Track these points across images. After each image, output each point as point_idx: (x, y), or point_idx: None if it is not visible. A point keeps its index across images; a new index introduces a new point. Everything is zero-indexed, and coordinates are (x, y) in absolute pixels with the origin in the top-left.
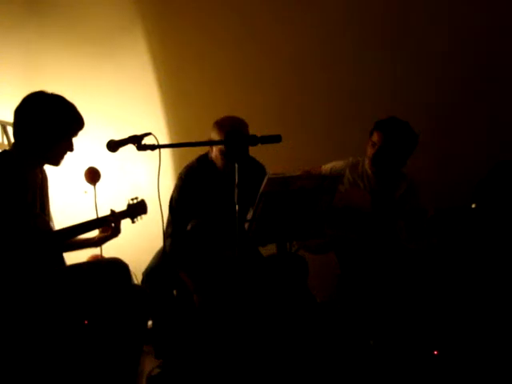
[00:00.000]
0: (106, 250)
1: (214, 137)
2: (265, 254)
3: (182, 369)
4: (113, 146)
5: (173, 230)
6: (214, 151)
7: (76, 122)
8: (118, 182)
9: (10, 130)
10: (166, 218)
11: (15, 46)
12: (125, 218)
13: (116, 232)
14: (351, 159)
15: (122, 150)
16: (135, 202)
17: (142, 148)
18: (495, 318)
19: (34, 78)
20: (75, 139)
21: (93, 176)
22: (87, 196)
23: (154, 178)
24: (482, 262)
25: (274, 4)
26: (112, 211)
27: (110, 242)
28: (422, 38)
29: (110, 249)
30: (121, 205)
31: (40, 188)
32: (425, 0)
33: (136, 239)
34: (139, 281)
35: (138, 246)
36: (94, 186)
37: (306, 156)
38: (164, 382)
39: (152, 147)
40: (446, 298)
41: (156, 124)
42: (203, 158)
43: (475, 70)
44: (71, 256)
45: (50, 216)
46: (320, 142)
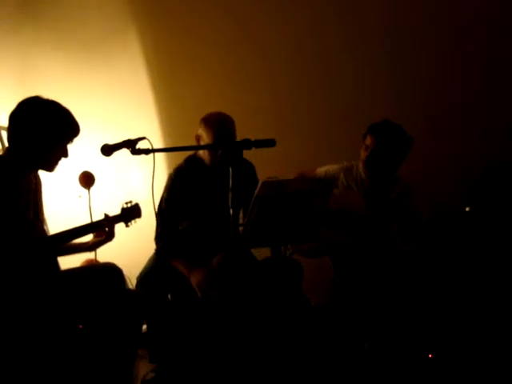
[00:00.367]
0: (100, 254)
1: (201, 133)
2: (259, 258)
3: (176, 373)
4: (107, 150)
5: (162, 231)
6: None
7: (71, 128)
8: (113, 186)
9: (3, 134)
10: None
11: (10, 50)
12: (119, 222)
13: (110, 236)
14: (345, 163)
15: (116, 154)
16: (129, 205)
17: (136, 152)
18: (490, 321)
19: (29, 81)
20: (70, 144)
21: (87, 180)
22: (81, 200)
23: (148, 182)
24: (477, 265)
25: (268, 5)
26: (106, 215)
27: (105, 246)
28: (419, 38)
29: (105, 253)
30: (115, 209)
31: (34, 193)
32: (423, 0)
33: (130, 243)
34: (134, 285)
35: (132, 250)
36: (89, 190)
37: (300, 159)
38: None
39: (146, 151)
40: (441, 300)
41: (150, 127)
42: (191, 157)
43: (473, 71)
44: (66, 261)
45: (44, 221)
46: (314, 144)
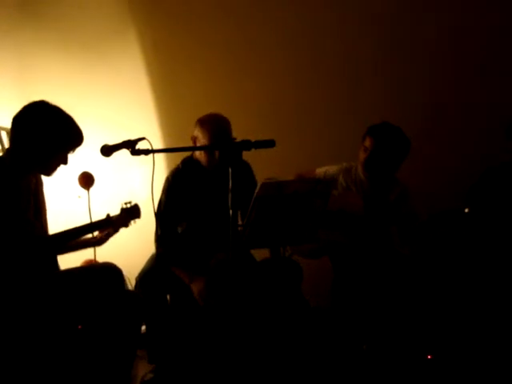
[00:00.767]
0: (99, 254)
1: (197, 134)
2: (258, 259)
3: (175, 374)
4: (106, 150)
5: (161, 234)
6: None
7: (74, 138)
8: (112, 186)
9: (3, 134)
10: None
11: (9, 50)
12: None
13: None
14: (345, 164)
15: (116, 155)
16: (129, 206)
17: (135, 153)
18: (489, 322)
19: (28, 81)
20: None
21: (86, 181)
22: (81, 201)
23: (147, 183)
24: (476, 266)
25: (267, 6)
26: (108, 216)
27: (104, 246)
28: (418, 39)
29: (104, 253)
30: (115, 209)
31: (34, 193)
32: (423, 0)
33: (130, 244)
34: (133, 285)
35: (131, 250)
36: (88, 190)
37: (299, 159)
38: None
39: (146, 152)
40: (440, 301)
41: (150, 128)
42: (188, 159)
43: (473, 71)
44: (65, 260)
45: (45, 221)
46: (314, 145)
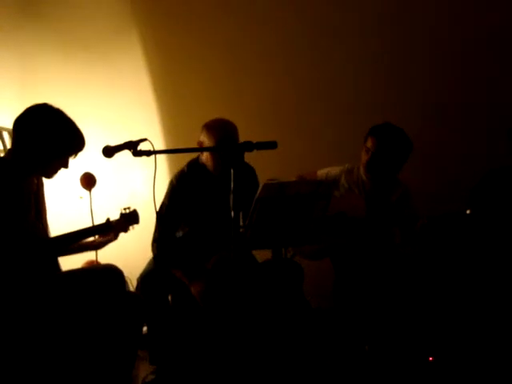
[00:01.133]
0: (101, 255)
1: (203, 139)
2: (260, 260)
3: (177, 375)
4: (108, 151)
5: (160, 236)
6: (205, 154)
7: (76, 143)
8: (114, 187)
9: (5, 135)
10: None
11: (10, 50)
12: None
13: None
14: (347, 165)
15: (118, 156)
16: (128, 211)
17: (137, 154)
18: (491, 324)
19: (29, 81)
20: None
21: (88, 181)
22: (83, 201)
23: (149, 184)
24: (478, 268)
25: (269, 6)
26: (108, 220)
27: (106, 247)
28: (418, 38)
29: (106, 254)
30: (116, 210)
31: (35, 194)
32: (423, 0)
33: (131, 245)
34: (134, 286)
35: (133, 251)
36: (90, 191)
37: (301, 161)
38: None
39: (148, 153)
40: (442, 303)
41: (151, 129)
42: (194, 162)
43: (473, 72)
44: (67, 262)
45: (46, 222)
46: (315, 146)
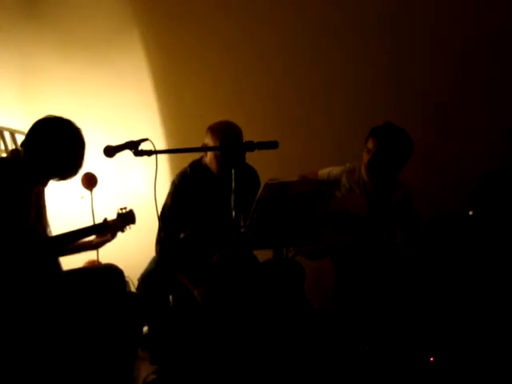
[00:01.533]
0: (102, 255)
1: (208, 142)
2: (261, 260)
3: (178, 375)
4: (110, 151)
5: (164, 237)
6: (209, 156)
7: (76, 168)
8: (115, 187)
9: (6, 135)
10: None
11: (11, 51)
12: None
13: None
14: (348, 165)
15: (119, 156)
16: (124, 211)
17: (138, 153)
18: (492, 325)
19: (30, 82)
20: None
21: (89, 181)
22: (84, 201)
23: (150, 183)
24: (480, 269)
25: (269, 7)
26: (105, 220)
27: (107, 247)
28: (419, 38)
29: (107, 254)
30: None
31: (36, 195)
32: (423, 0)
33: (132, 244)
34: (135, 286)
35: (134, 251)
36: (91, 191)
37: (302, 161)
38: None
39: (149, 153)
40: (443, 303)
41: (153, 129)
42: (196, 163)
43: (473, 72)
44: (68, 261)
45: (46, 223)
46: (316, 146)
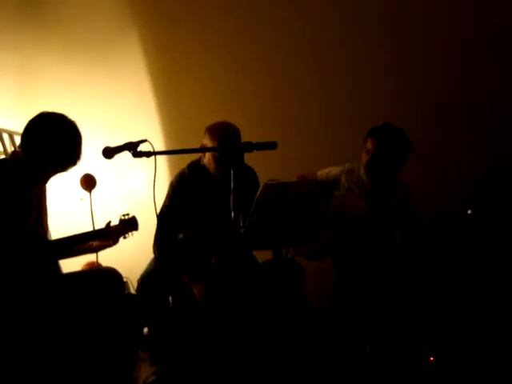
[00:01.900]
0: (102, 256)
1: (206, 143)
2: (261, 261)
3: (178, 376)
4: (108, 152)
5: (161, 237)
6: (207, 157)
7: (73, 161)
8: (114, 188)
9: (5, 136)
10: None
11: (10, 52)
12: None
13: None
14: (347, 165)
15: (118, 157)
16: (127, 217)
17: (137, 155)
18: (492, 324)
19: (29, 83)
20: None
21: (88, 183)
22: (83, 203)
23: (149, 185)
24: (479, 268)
25: (268, 7)
26: (108, 224)
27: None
28: (419, 38)
29: (106, 256)
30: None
31: (37, 197)
32: (423, 0)
33: (132, 246)
34: (135, 287)
35: (134, 252)
36: (90, 192)
37: (301, 161)
38: None
39: (147, 154)
40: (443, 303)
41: (151, 130)
42: (195, 164)
43: (472, 72)
44: (67, 263)
45: (46, 225)
46: (315, 146)
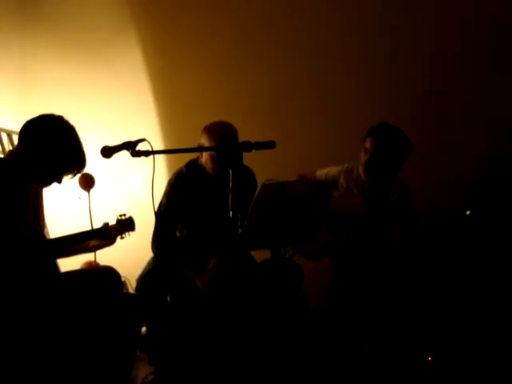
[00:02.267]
0: (100, 256)
1: (203, 142)
2: (259, 260)
3: (176, 375)
4: (107, 152)
5: (158, 236)
6: (205, 156)
7: (76, 165)
8: (112, 188)
9: (3, 136)
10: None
11: (10, 52)
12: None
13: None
14: (346, 165)
15: (116, 156)
16: (123, 218)
17: (136, 154)
18: (490, 325)
19: (29, 83)
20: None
21: (87, 182)
22: (81, 202)
23: (148, 184)
24: (478, 268)
25: (267, 7)
26: (106, 224)
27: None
28: (418, 38)
29: (105, 255)
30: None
31: (34, 196)
32: (423, 0)
33: (130, 245)
34: (133, 287)
35: (132, 251)
36: (88, 192)
37: (300, 161)
38: None
39: (146, 153)
40: (441, 303)
41: (150, 130)
42: (192, 163)
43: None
44: (65, 262)
45: (43, 224)
46: (314, 146)
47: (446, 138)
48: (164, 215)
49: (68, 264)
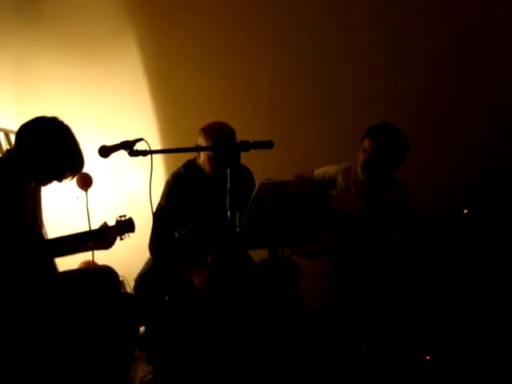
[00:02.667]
0: (98, 255)
1: (200, 142)
2: (257, 260)
3: (174, 375)
4: (105, 151)
5: (156, 236)
6: (202, 157)
7: (74, 165)
8: (110, 187)
9: (1, 135)
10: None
11: (8, 52)
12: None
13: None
14: (344, 164)
15: (114, 156)
16: (123, 219)
17: (133, 154)
18: (489, 323)
19: (26, 83)
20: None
21: (85, 182)
22: (79, 202)
23: (146, 184)
24: (476, 267)
25: (267, 7)
26: (105, 224)
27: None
28: (418, 38)
29: (103, 255)
30: (113, 211)
31: (32, 196)
32: (423, 1)
33: (129, 245)
34: (131, 286)
35: (131, 251)
36: (86, 191)
37: (298, 160)
38: None
39: (144, 153)
40: (439, 302)
41: (148, 129)
42: (190, 164)
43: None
44: (63, 261)
45: (42, 224)
46: (312, 146)
47: (445, 137)
48: (162, 217)
49: (66, 263)
